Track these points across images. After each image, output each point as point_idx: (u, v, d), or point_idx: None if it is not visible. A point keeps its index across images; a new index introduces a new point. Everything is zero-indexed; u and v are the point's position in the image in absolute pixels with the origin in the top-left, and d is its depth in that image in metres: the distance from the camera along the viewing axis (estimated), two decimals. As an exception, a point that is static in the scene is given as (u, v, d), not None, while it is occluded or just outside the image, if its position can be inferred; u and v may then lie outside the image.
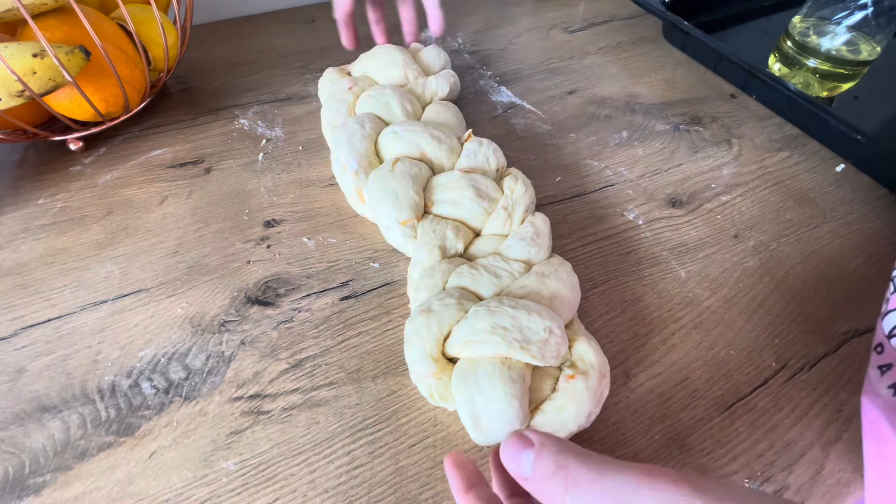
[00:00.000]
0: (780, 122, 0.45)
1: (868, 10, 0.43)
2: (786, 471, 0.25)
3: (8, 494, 0.24)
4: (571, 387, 0.24)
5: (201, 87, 0.47)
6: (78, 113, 0.37)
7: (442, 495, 0.24)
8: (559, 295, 0.27)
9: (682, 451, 0.26)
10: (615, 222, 0.36)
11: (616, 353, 0.29)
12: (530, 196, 0.32)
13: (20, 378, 0.28)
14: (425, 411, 0.27)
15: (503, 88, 0.48)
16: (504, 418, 0.23)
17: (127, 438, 0.26)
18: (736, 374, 0.29)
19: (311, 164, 0.40)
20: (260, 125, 0.43)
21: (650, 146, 0.42)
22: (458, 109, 0.38)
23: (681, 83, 0.49)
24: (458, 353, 0.25)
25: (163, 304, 0.31)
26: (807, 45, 0.46)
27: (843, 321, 0.31)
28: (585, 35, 0.55)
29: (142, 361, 0.28)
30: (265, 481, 0.24)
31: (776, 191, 0.39)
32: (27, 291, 0.31)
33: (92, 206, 0.36)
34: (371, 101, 0.37)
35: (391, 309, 0.31)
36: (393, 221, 0.31)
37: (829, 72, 0.45)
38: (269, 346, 0.29)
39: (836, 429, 0.27)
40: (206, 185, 0.38)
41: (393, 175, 0.31)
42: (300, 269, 0.33)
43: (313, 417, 0.27)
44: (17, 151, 0.40)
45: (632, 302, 0.32)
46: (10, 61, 0.30)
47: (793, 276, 0.33)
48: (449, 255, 0.30)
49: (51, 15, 0.34)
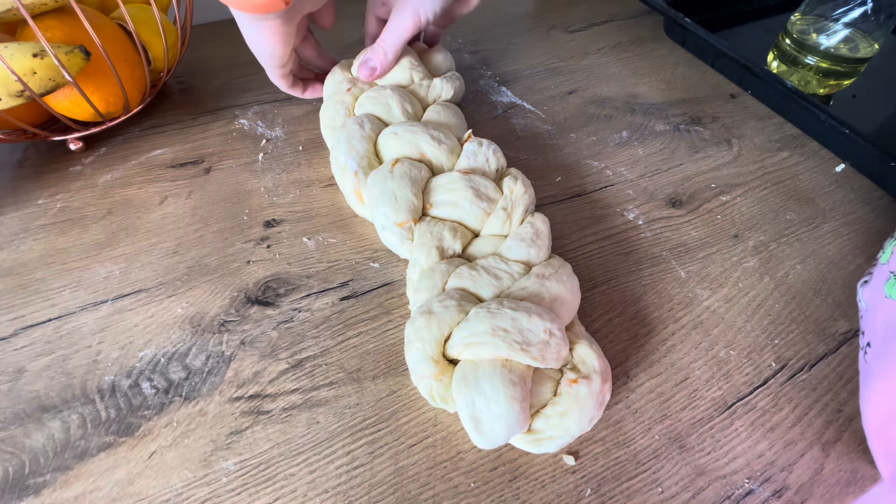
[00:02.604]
0: (780, 122, 0.45)
1: (867, 7, 0.43)
2: (786, 471, 0.25)
3: (8, 494, 0.24)
4: (575, 391, 0.24)
5: (201, 87, 0.47)
6: (78, 113, 0.37)
7: (442, 495, 0.24)
8: (559, 297, 0.27)
9: (682, 451, 0.26)
10: (615, 222, 0.36)
11: (616, 353, 0.29)
12: (530, 196, 0.32)
13: (20, 378, 0.28)
14: (425, 411, 0.27)
15: (503, 88, 0.48)
16: (505, 421, 0.23)
17: (127, 438, 0.26)
18: (736, 374, 0.29)
19: (311, 164, 0.40)
20: (260, 125, 0.43)
21: (650, 146, 0.42)
22: (459, 110, 0.38)
23: (681, 83, 0.49)
24: (459, 355, 0.25)
25: (163, 304, 0.31)
26: (805, 42, 0.46)
27: (843, 321, 0.31)
28: (585, 35, 0.55)
29: (142, 361, 0.28)
30: (265, 481, 0.24)
31: (776, 191, 0.39)
32: (27, 291, 0.31)
33: (92, 206, 0.36)
34: (371, 103, 0.37)
35: (391, 309, 0.31)
36: (390, 223, 0.30)
37: (828, 69, 0.46)
38: (269, 346, 0.29)
39: (836, 429, 0.27)
40: (206, 185, 0.38)
41: (392, 176, 0.31)
42: (300, 269, 0.33)
43: (313, 417, 0.27)
44: (17, 151, 0.40)
45: (632, 302, 0.32)
46: (10, 61, 0.30)
47: (793, 276, 0.33)
48: (447, 256, 0.30)
49: (51, 15, 0.34)
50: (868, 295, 0.26)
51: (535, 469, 0.25)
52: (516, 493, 0.24)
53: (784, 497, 0.25)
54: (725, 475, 0.25)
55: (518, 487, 0.25)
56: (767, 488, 0.25)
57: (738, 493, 0.25)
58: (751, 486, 0.25)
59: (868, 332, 0.25)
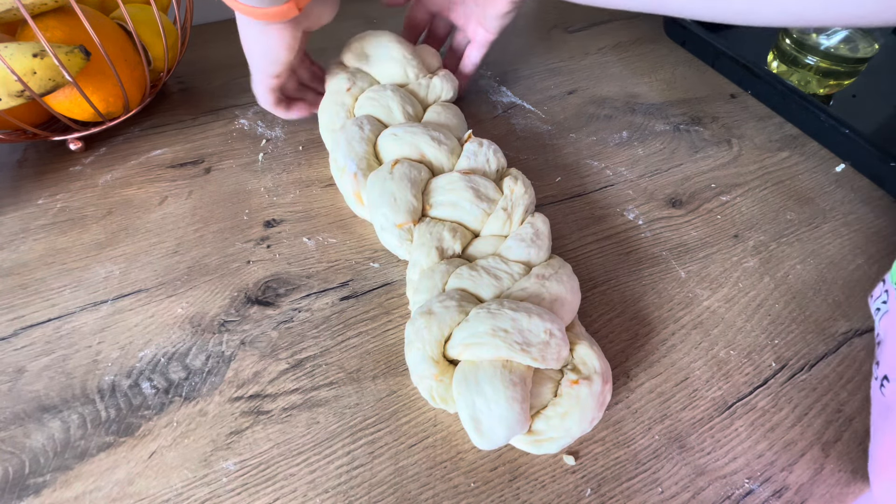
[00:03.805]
0: (780, 122, 0.45)
1: (867, 9, 0.43)
2: (786, 471, 0.25)
3: (8, 494, 0.24)
4: (576, 393, 0.24)
5: (201, 87, 0.47)
6: (78, 113, 0.37)
7: (442, 495, 0.24)
8: (560, 297, 0.27)
9: (682, 451, 0.26)
10: (615, 222, 0.36)
11: (616, 353, 0.29)
12: (530, 196, 0.32)
13: (20, 378, 0.28)
14: (425, 411, 0.27)
15: (503, 88, 0.48)
16: (505, 422, 0.23)
17: (127, 438, 0.26)
18: (736, 374, 0.29)
19: (311, 165, 0.40)
20: (260, 125, 0.43)
21: (650, 146, 0.42)
22: (459, 110, 0.38)
23: (681, 83, 0.49)
24: (459, 356, 0.25)
25: (163, 304, 0.31)
26: (805, 42, 0.46)
27: (843, 321, 0.31)
28: (585, 35, 0.55)
29: (142, 361, 0.28)
30: (265, 481, 0.24)
31: (776, 191, 0.39)
32: (27, 291, 0.31)
33: (92, 206, 0.36)
34: (371, 104, 0.36)
35: (391, 309, 0.31)
36: (389, 224, 0.30)
37: (828, 69, 0.46)
38: (269, 346, 0.29)
39: (836, 429, 0.27)
40: (206, 185, 0.38)
41: (392, 177, 0.31)
42: (300, 269, 0.33)
43: (313, 417, 0.27)
44: (17, 151, 0.40)
45: (632, 302, 0.32)
46: (10, 61, 0.30)
47: (793, 276, 0.34)
48: (447, 256, 0.30)
49: (51, 15, 0.34)
50: (885, 324, 0.25)
51: (535, 469, 0.25)
52: (516, 493, 0.24)
53: (784, 497, 0.25)
54: (725, 475, 0.25)
55: (518, 487, 0.25)
56: (767, 488, 0.25)
57: (738, 493, 0.25)
58: (751, 486, 0.25)
59: (884, 363, 0.24)
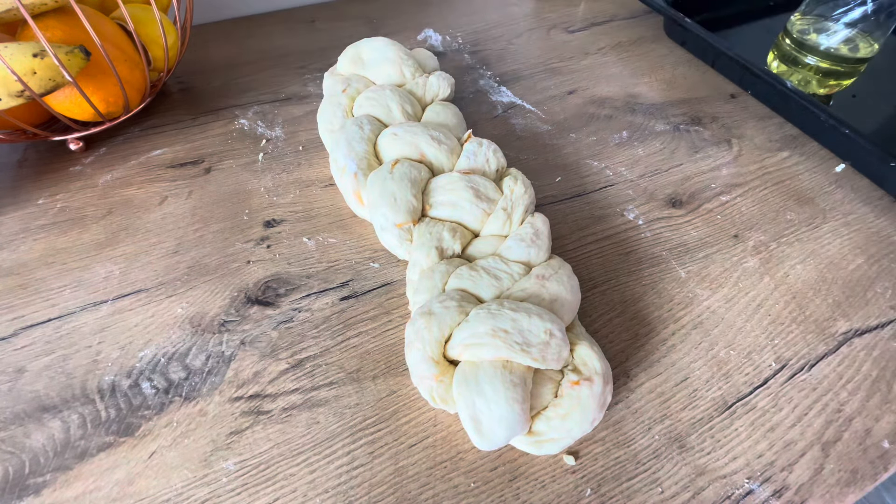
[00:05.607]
0: (780, 122, 0.45)
1: (867, 7, 0.43)
2: (786, 471, 0.25)
3: (8, 494, 0.24)
4: (577, 394, 0.24)
5: (201, 87, 0.47)
6: (78, 113, 0.37)
7: (442, 495, 0.24)
8: (560, 298, 0.27)
9: (682, 451, 0.26)
10: (615, 222, 0.36)
11: (616, 353, 0.29)
12: (530, 196, 0.32)
13: (20, 378, 0.28)
14: (425, 411, 0.27)
15: (503, 88, 0.48)
16: (505, 422, 0.23)
17: (127, 438, 0.26)
18: (736, 374, 0.29)
19: (311, 164, 0.40)
20: (260, 125, 0.43)
21: (650, 146, 0.42)
22: (458, 110, 0.38)
23: (681, 83, 0.49)
24: (459, 356, 0.25)
25: (163, 304, 0.31)
26: (805, 42, 0.46)
27: (843, 321, 0.31)
28: (585, 35, 0.55)
29: (142, 361, 0.28)
30: (265, 481, 0.24)
31: (776, 191, 0.39)
32: (27, 291, 0.31)
33: (92, 206, 0.36)
34: (370, 104, 0.37)
35: (391, 309, 0.31)
36: (389, 223, 0.30)
37: (828, 69, 0.45)
38: (269, 346, 0.29)
39: (836, 429, 0.27)
40: (206, 185, 0.38)
41: (392, 177, 0.31)
42: (300, 269, 0.33)
43: (313, 417, 0.27)
44: (17, 151, 0.40)
45: (632, 302, 0.32)
46: (10, 61, 0.30)
47: (793, 276, 0.33)
48: (447, 256, 0.30)
49: (51, 15, 0.34)
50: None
51: (535, 469, 0.25)
52: (516, 493, 0.24)
53: (784, 497, 0.25)
54: (725, 475, 0.25)
55: (518, 487, 0.25)
56: (767, 488, 0.25)
57: (738, 493, 0.25)
58: (751, 486, 0.25)
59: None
